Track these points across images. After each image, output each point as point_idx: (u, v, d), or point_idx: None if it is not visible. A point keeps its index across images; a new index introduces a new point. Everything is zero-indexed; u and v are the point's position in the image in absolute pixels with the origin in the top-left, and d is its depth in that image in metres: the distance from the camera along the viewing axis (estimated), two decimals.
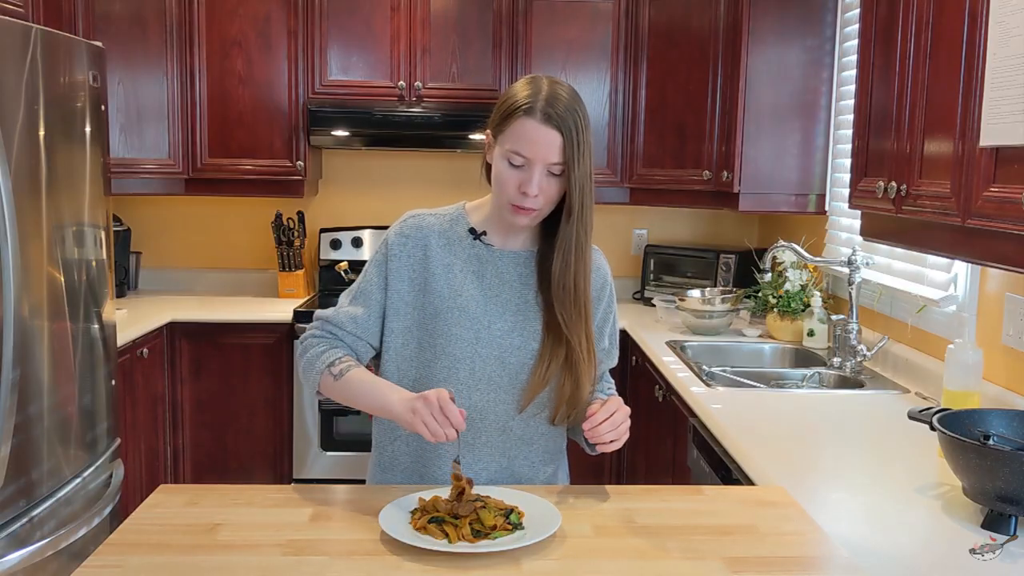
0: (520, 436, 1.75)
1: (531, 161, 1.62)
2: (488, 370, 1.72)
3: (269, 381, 3.85)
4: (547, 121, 1.61)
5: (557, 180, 1.65)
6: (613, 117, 4.06)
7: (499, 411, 1.73)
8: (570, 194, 1.65)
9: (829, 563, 1.45)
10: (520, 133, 1.62)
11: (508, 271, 1.75)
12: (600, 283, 1.80)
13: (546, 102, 1.62)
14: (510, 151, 1.64)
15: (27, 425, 2.33)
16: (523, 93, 1.64)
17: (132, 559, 1.39)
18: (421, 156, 4.37)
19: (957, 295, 2.56)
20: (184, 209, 4.39)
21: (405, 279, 1.75)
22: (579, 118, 1.63)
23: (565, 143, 1.62)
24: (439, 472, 1.75)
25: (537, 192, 1.63)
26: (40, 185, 2.40)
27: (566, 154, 1.62)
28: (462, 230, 1.77)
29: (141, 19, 3.83)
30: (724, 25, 3.65)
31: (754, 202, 3.62)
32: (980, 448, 1.59)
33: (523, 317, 1.73)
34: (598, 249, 1.82)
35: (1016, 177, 1.63)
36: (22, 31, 2.33)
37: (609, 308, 1.83)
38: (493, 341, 1.72)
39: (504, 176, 1.66)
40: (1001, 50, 1.65)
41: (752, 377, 2.94)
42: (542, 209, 1.67)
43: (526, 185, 1.63)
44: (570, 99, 1.65)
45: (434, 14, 3.96)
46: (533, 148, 1.62)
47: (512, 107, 1.64)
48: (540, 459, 1.79)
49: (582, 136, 1.63)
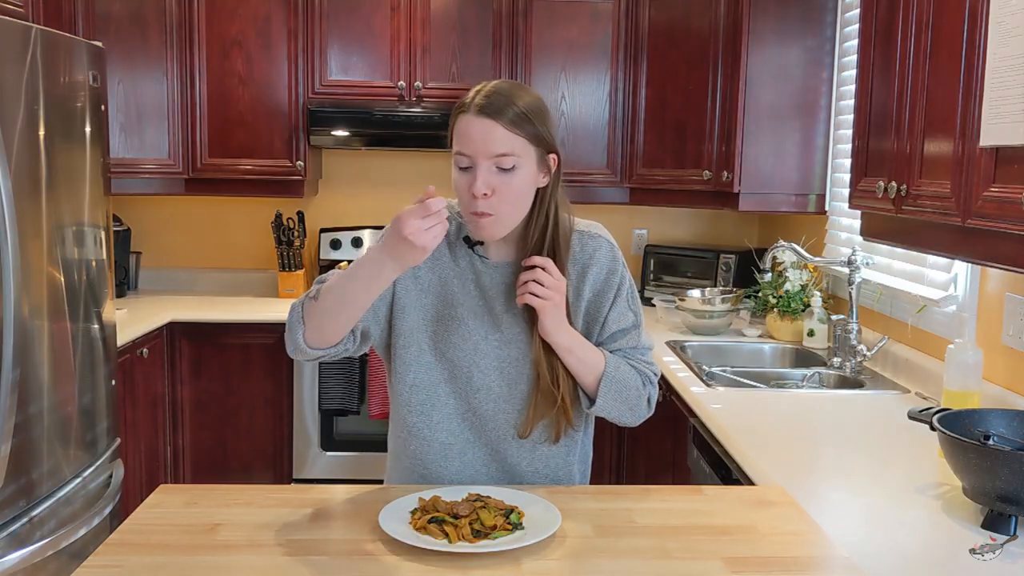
0: (522, 443, 1.73)
1: (473, 157, 1.56)
2: (487, 380, 1.70)
3: (269, 381, 3.85)
4: (480, 112, 1.55)
5: (509, 176, 1.57)
6: (613, 117, 4.06)
7: (500, 420, 1.72)
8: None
9: (829, 563, 1.45)
10: (459, 132, 1.58)
11: (500, 283, 1.70)
12: (605, 274, 1.72)
13: (482, 96, 1.57)
14: (456, 154, 1.59)
15: (27, 425, 2.33)
16: (464, 96, 1.61)
17: (132, 559, 1.39)
18: (421, 156, 4.37)
19: (957, 295, 2.56)
20: (184, 209, 4.39)
21: (409, 275, 1.69)
22: (522, 106, 1.57)
23: (509, 131, 1.55)
24: (446, 473, 1.74)
25: (485, 190, 1.55)
26: (40, 185, 2.40)
27: (511, 143, 1.55)
28: (458, 234, 1.73)
29: (141, 19, 3.83)
30: (724, 25, 3.65)
31: (754, 202, 3.62)
32: (980, 448, 1.59)
33: (519, 329, 1.69)
34: (602, 235, 1.75)
35: (1016, 177, 1.63)
36: (22, 31, 2.33)
37: (620, 291, 1.73)
38: (491, 352, 1.70)
39: (457, 183, 1.60)
40: (1001, 50, 1.65)
41: (752, 377, 2.94)
42: (501, 213, 1.58)
43: (473, 184, 1.55)
44: (511, 88, 1.60)
45: (434, 14, 3.96)
46: (471, 143, 1.56)
47: (454, 110, 1.61)
48: (544, 467, 1.76)
49: (530, 124, 1.57)
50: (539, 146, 1.61)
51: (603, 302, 1.72)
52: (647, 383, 1.75)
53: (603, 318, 1.72)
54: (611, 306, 1.72)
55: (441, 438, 1.73)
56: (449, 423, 1.73)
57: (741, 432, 2.22)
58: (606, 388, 1.68)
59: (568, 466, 1.79)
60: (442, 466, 1.74)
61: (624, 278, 1.74)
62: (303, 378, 3.82)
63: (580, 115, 4.05)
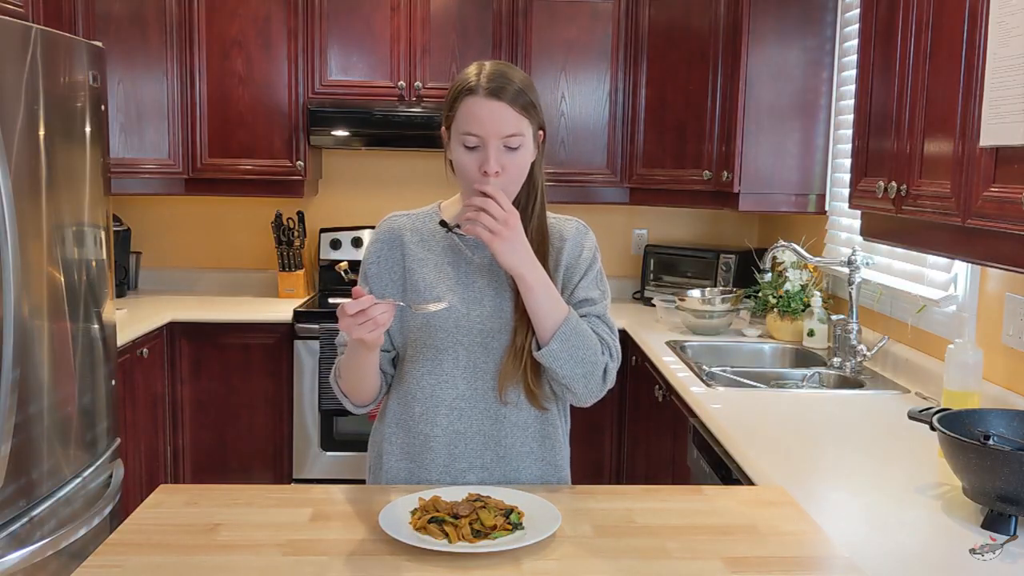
0: (514, 423, 1.75)
1: (484, 138, 1.63)
2: (473, 358, 1.72)
3: (269, 381, 3.85)
4: (490, 95, 1.63)
5: (515, 154, 1.65)
6: (613, 117, 4.06)
7: (489, 398, 1.73)
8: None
9: (829, 563, 1.45)
10: (467, 113, 1.64)
11: (482, 258, 1.75)
12: (577, 249, 1.77)
13: (487, 78, 1.64)
14: (463, 134, 1.65)
15: (27, 425, 2.33)
16: (464, 77, 1.67)
17: (132, 559, 1.40)
18: (421, 156, 4.37)
19: (957, 295, 2.56)
20: (184, 209, 4.39)
21: (387, 282, 1.78)
22: (522, 87, 1.65)
23: (515, 111, 1.64)
24: (428, 474, 1.75)
25: (497, 169, 1.63)
26: (40, 185, 2.40)
27: (518, 123, 1.64)
28: (435, 224, 1.79)
29: (141, 19, 3.83)
30: (724, 25, 3.65)
31: (754, 202, 3.62)
32: (980, 448, 1.59)
33: (500, 299, 1.73)
34: (579, 221, 1.81)
35: (1016, 177, 1.63)
36: (22, 31, 2.33)
37: (591, 268, 1.77)
38: (473, 328, 1.72)
39: (463, 162, 1.67)
40: (1001, 50, 1.65)
41: (752, 377, 2.94)
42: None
43: (485, 164, 1.63)
44: (507, 69, 1.67)
45: (434, 14, 3.97)
46: (483, 125, 1.63)
47: (456, 92, 1.66)
48: (537, 445, 1.77)
49: (531, 104, 1.66)
50: (535, 123, 1.69)
51: (574, 274, 1.76)
52: (606, 352, 1.72)
53: (572, 287, 1.76)
54: (581, 278, 1.76)
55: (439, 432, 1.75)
56: (447, 413, 1.74)
57: (741, 432, 2.22)
58: (562, 335, 1.64)
59: (558, 446, 1.80)
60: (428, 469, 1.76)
61: (596, 258, 1.79)
62: (303, 378, 3.82)
63: (580, 115, 4.06)
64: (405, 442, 1.78)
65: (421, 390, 1.75)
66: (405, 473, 1.78)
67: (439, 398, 1.74)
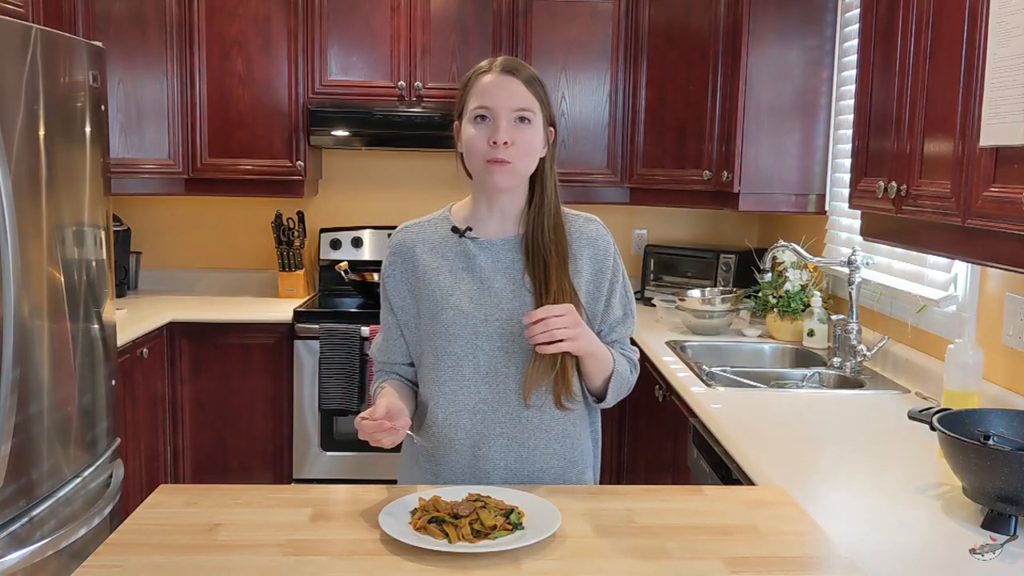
0: (537, 425, 1.75)
1: (495, 110, 1.67)
2: (493, 362, 1.72)
3: (269, 381, 3.85)
4: (503, 71, 1.69)
5: (527, 129, 1.68)
6: (613, 117, 4.06)
7: (511, 401, 1.73)
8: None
9: (829, 563, 1.45)
10: (480, 90, 1.69)
11: (497, 260, 1.75)
12: (601, 255, 1.78)
13: (501, 62, 1.72)
14: (474, 110, 1.68)
15: (27, 425, 2.33)
16: (477, 66, 1.73)
17: (132, 559, 1.40)
18: (421, 156, 4.37)
19: (957, 295, 2.56)
20: (184, 209, 4.39)
21: (404, 294, 1.79)
22: (535, 75, 1.72)
23: (527, 89, 1.68)
24: (453, 476, 1.76)
25: (507, 139, 1.65)
26: (40, 185, 2.40)
27: (529, 100, 1.67)
28: (446, 231, 1.79)
29: (141, 19, 3.83)
30: (724, 25, 3.65)
31: (754, 202, 3.62)
32: (980, 448, 1.59)
33: (519, 303, 1.72)
34: (597, 219, 1.84)
35: (1016, 177, 1.63)
36: (22, 31, 2.33)
37: (615, 278, 1.80)
38: (492, 333, 1.72)
39: (473, 137, 1.69)
40: (1001, 50, 1.65)
41: (752, 377, 2.94)
42: (517, 164, 1.68)
43: (495, 134, 1.66)
44: (521, 62, 1.74)
45: (434, 14, 3.97)
46: (494, 97, 1.67)
47: (468, 78, 1.72)
48: (561, 447, 1.77)
49: (541, 88, 1.72)
50: (545, 111, 1.73)
51: (602, 281, 1.78)
52: (633, 371, 1.85)
53: (604, 298, 1.78)
54: (610, 293, 1.79)
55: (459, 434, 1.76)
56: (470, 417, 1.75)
57: (741, 432, 2.22)
58: (614, 386, 1.78)
59: (581, 443, 1.83)
60: (447, 467, 1.77)
61: (619, 263, 1.82)
62: (303, 378, 3.82)
63: (580, 115, 4.06)
64: (430, 445, 1.78)
65: (443, 396, 1.75)
66: (431, 476, 1.79)
67: (461, 403, 1.74)
